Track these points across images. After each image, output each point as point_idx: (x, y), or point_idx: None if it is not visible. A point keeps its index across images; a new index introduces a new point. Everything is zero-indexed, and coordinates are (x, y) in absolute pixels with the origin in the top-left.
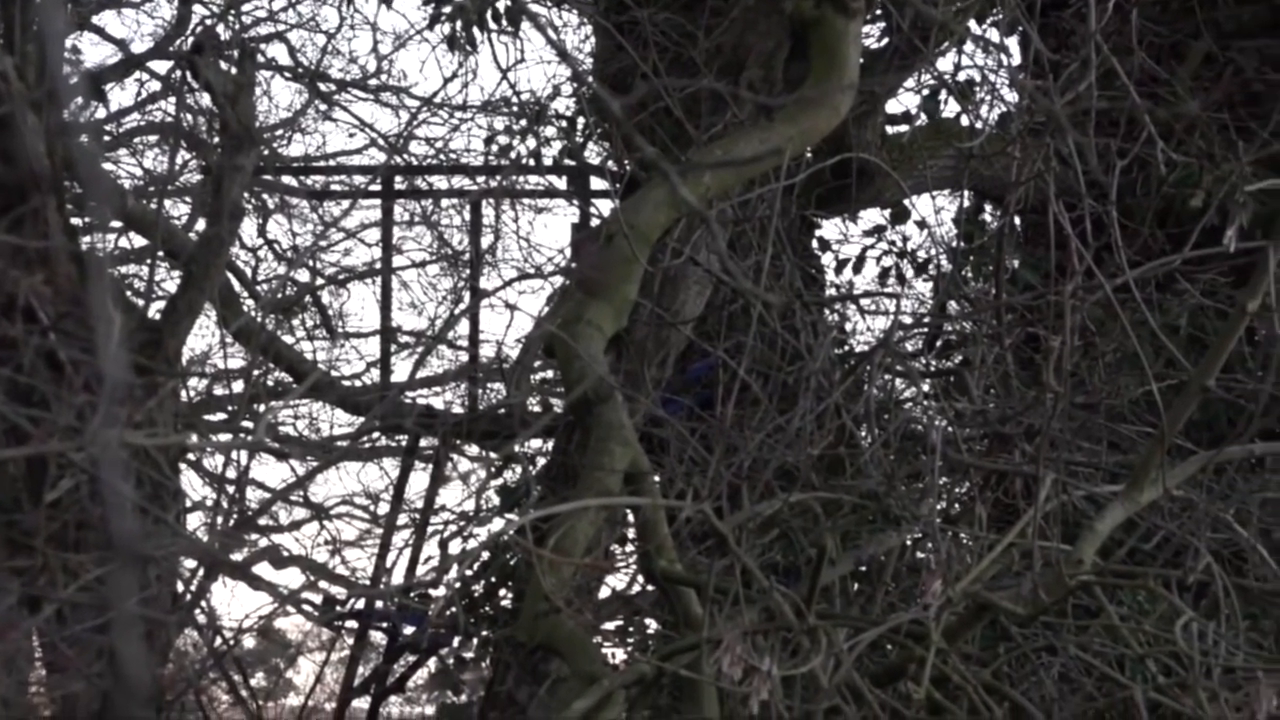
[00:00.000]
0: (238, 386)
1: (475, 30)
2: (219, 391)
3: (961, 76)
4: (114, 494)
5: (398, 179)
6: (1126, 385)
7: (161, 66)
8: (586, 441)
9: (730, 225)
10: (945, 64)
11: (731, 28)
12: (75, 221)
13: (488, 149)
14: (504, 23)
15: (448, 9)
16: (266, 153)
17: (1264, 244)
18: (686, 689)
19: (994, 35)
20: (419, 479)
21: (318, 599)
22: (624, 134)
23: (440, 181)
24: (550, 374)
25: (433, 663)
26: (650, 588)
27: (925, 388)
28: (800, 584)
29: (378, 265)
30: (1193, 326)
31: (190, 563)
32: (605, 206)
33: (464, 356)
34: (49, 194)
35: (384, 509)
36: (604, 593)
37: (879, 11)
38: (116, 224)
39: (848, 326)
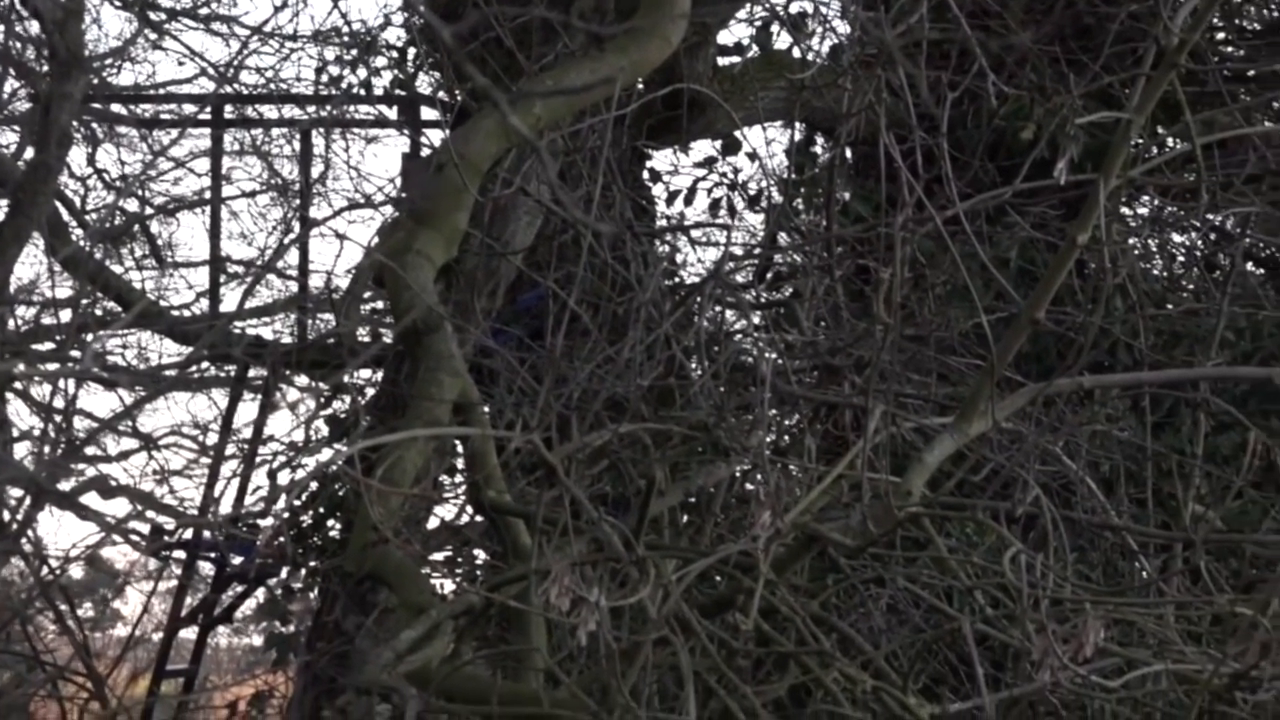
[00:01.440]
0: (65, 315)
1: None
2: (46, 320)
3: (794, 8)
4: None
5: (228, 108)
6: (956, 317)
7: None
8: (416, 372)
9: (561, 156)
10: None
11: None
12: None
13: (318, 78)
14: None
15: None
16: (96, 81)
17: (1094, 177)
18: (515, 620)
19: None
20: (248, 409)
21: (145, 529)
22: (455, 63)
23: (271, 111)
24: (381, 304)
25: (261, 593)
26: (479, 518)
27: (755, 319)
28: (629, 515)
29: (207, 195)
30: (1023, 259)
31: (16, 491)
32: (436, 136)
33: (294, 286)
34: None
35: (213, 439)
36: (433, 523)
37: None
38: None
39: (678, 258)
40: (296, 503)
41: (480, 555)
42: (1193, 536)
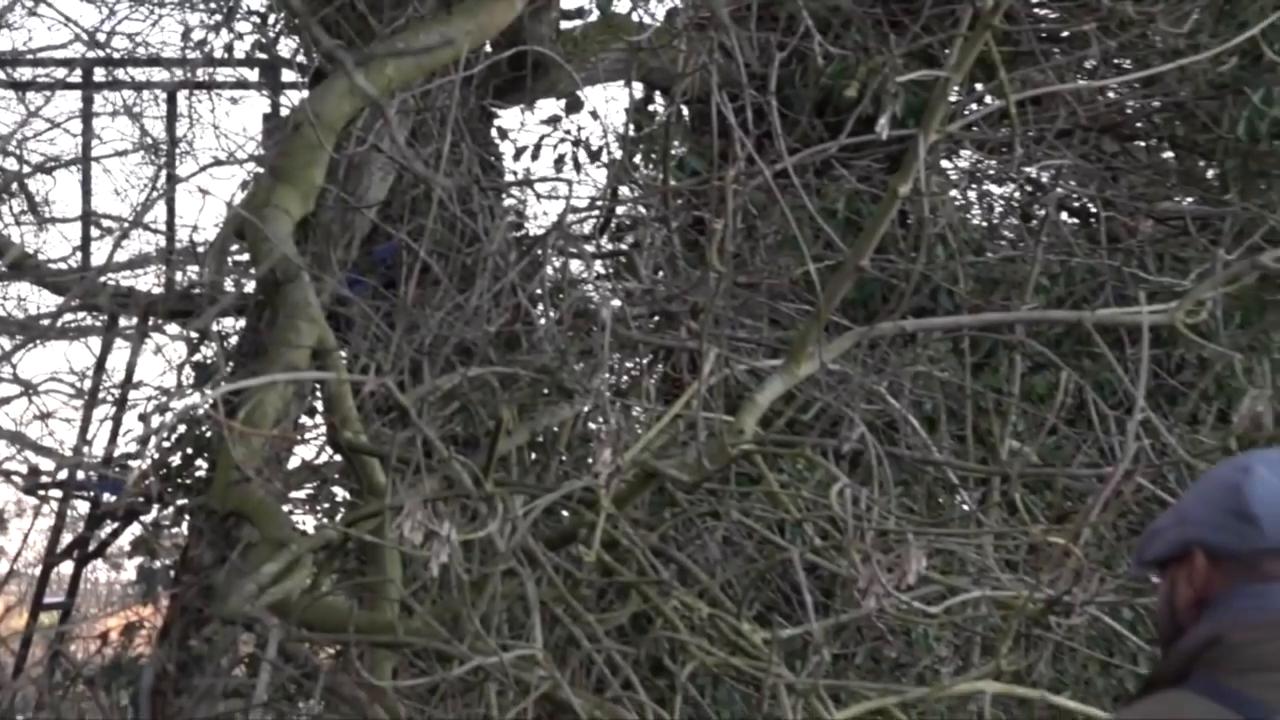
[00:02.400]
0: None
1: None
2: None
3: None
4: None
5: (99, 71)
6: (786, 265)
7: None
8: (275, 319)
9: (413, 114)
10: None
11: None
12: None
13: (184, 42)
14: None
15: None
16: None
17: (914, 132)
18: (371, 553)
19: None
20: (121, 356)
21: (23, 469)
22: (305, 26)
23: (140, 74)
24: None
25: (135, 529)
26: (337, 458)
27: (597, 268)
28: (478, 454)
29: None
30: (849, 210)
31: None
32: (295, 97)
33: (162, 240)
34: None
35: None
36: (293, 462)
37: None
38: None
39: (525, 210)
40: (165, 444)
41: (338, 493)
42: (1009, 471)
